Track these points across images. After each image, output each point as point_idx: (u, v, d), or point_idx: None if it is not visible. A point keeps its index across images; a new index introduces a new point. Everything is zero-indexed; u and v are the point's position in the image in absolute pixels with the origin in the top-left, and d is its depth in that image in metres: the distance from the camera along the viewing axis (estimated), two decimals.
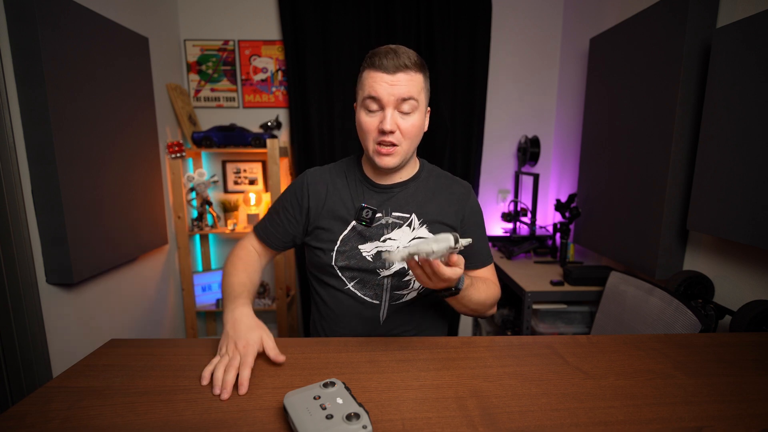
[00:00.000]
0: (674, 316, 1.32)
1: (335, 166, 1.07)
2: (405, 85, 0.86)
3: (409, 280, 1.00)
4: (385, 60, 0.86)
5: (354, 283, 1.00)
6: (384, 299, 1.00)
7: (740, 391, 0.70)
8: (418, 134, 0.93)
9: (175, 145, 2.17)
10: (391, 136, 0.89)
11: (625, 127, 1.75)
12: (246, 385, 0.69)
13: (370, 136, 0.91)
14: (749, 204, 1.22)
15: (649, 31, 1.60)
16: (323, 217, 1.00)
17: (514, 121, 2.62)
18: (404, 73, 0.86)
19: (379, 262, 0.98)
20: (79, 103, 1.49)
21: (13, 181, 1.32)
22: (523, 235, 2.46)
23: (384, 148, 0.90)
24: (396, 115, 0.88)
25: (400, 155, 0.92)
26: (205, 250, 2.59)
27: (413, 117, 0.90)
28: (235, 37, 2.44)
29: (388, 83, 0.86)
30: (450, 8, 2.37)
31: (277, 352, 0.77)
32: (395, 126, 0.88)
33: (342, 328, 1.03)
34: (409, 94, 0.87)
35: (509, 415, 0.63)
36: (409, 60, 0.87)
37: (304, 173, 1.06)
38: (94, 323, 1.66)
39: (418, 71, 0.89)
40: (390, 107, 0.87)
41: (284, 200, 1.05)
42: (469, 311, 0.96)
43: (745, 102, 1.23)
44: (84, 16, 1.52)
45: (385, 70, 0.86)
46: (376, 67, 0.87)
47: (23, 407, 0.65)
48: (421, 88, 0.90)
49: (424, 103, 0.93)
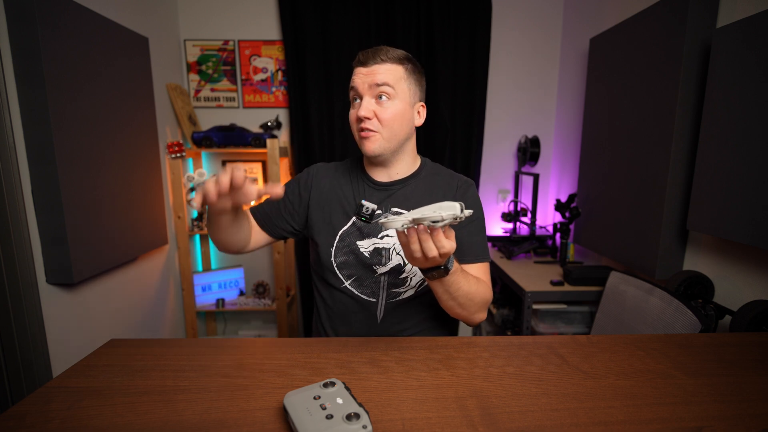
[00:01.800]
0: (674, 316, 1.32)
1: (340, 164, 1.10)
2: (380, 74, 0.91)
3: (406, 278, 1.00)
4: (363, 56, 0.93)
5: (351, 281, 1.01)
6: (381, 297, 1.01)
7: (740, 391, 0.70)
8: (399, 123, 0.94)
9: (175, 145, 2.17)
10: (368, 123, 0.92)
11: (625, 127, 1.75)
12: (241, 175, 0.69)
13: (354, 126, 0.96)
14: (749, 204, 1.22)
15: (649, 31, 1.60)
16: (325, 211, 1.02)
17: (514, 121, 2.62)
18: (380, 64, 0.91)
19: (376, 259, 0.99)
20: (79, 103, 1.49)
21: (13, 181, 1.32)
22: (523, 235, 2.46)
23: (364, 133, 0.93)
24: (372, 102, 0.92)
25: (380, 142, 0.94)
26: (205, 250, 2.59)
27: (391, 104, 0.92)
28: (235, 37, 2.44)
29: (363, 74, 0.92)
30: (450, 8, 2.37)
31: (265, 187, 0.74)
32: (371, 113, 0.91)
33: (342, 326, 1.04)
34: (383, 81, 0.90)
35: (509, 415, 0.63)
36: (386, 55, 0.92)
37: (310, 167, 1.09)
38: (94, 323, 1.66)
39: (396, 63, 0.93)
40: (366, 95, 0.92)
41: (287, 187, 1.06)
42: (456, 306, 0.88)
43: (745, 102, 1.23)
44: (84, 16, 1.52)
45: (364, 64, 0.92)
46: (357, 63, 0.94)
47: (23, 407, 0.65)
48: (399, 77, 0.92)
49: (406, 93, 0.94)
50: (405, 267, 0.99)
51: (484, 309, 0.95)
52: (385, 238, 0.99)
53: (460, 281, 0.83)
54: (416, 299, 1.03)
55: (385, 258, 0.99)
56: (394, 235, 0.99)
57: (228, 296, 2.52)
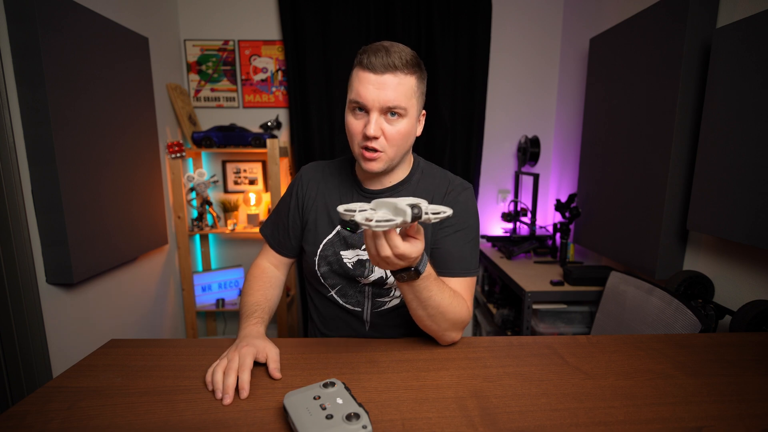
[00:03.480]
0: (674, 316, 1.32)
1: (332, 163, 1.05)
2: (392, 90, 0.81)
3: (389, 288, 0.97)
4: (374, 58, 0.80)
5: (336, 291, 0.99)
6: (366, 306, 0.99)
7: (740, 391, 0.70)
8: (405, 140, 0.87)
9: (175, 145, 2.17)
10: (374, 142, 0.84)
11: (625, 127, 1.75)
12: (247, 388, 0.68)
13: (355, 139, 0.87)
14: (749, 204, 1.22)
15: (649, 31, 1.60)
16: (311, 217, 0.99)
17: (514, 121, 2.62)
18: (392, 74, 0.80)
19: (359, 270, 0.95)
20: (79, 103, 1.49)
21: (13, 181, 1.32)
22: (523, 235, 2.46)
23: (368, 153, 0.86)
24: (381, 120, 0.83)
25: (385, 161, 0.87)
26: (205, 250, 2.59)
27: (400, 123, 0.84)
28: (235, 37, 2.44)
29: (374, 86, 0.81)
30: (450, 8, 2.37)
31: (277, 366, 0.74)
32: (379, 132, 0.83)
33: (332, 331, 1.03)
34: (396, 102, 0.81)
35: (509, 415, 0.63)
36: (400, 59, 0.81)
37: (299, 171, 1.06)
38: (94, 323, 1.66)
39: (410, 72, 0.82)
40: (375, 112, 0.82)
41: (284, 203, 1.04)
42: (426, 317, 0.80)
43: (745, 102, 1.23)
44: (84, 16, 1.52)
45: (373, 69, 0.80)
46: (364, 65, 0.82)
47: (23, 407, 0.65)
48: (411, 93, 0.84)
49: (416, 108, 0.87)
50: (388, 280, 0.95)
51: (458, 329, 0.85)
52: None
53: (432, 288, 0.76)
54: (402, 308, 0.99)
55: (369, 270, 0.95)
56: None
57: (228, 296, 2.52)
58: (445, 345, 0.87)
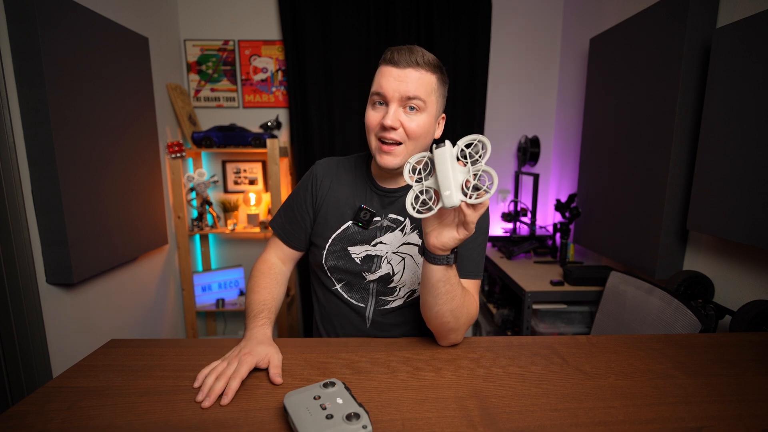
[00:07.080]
0: (674, 316, 1.32)
1: (346, 159, 1.05)
2: (413, 82, 0.83)
3: (395, 287, 0.98)
4: (397, 54, 0.84)
5: (341, 285, 1.00)
6: (370, 303, 1.00)
7: (740, 391, 0.70)
8: (423, 136, 0.88)
9: (175, 145, 2.17)
10: (393, 133, 0.85)
11: (625, 127, 1.75)
12: (230, 396, 0.67)
13: (373, 131, 0.88)
14: (749, 204, 1.22)
15: (649, 31, 1.60)
16: (322, 211, 1.00)
17: (514, 121, 2.62)
18: (414, 69, 0.83)
19: (366, 266, 0.97)
20: (79, 103, 1.49)
21: (13, 181, 1.32)
22: (523, 235, 2.46)
23: (385, 146, 0.87)
24: (400, 112, 0.85)
25: (403, 156, 0.87)
26: (205, 250, 2.59)
27: (419, 117, 0.85)
28: (235, 37, 2.44)
29: (395, 78, 0.83)
30: (450, 8, 2.37)
31: (278, 372, 0.74)
32: (397, 122, 0.84)
33: (333, 327, 1.04)
34: (416, 94, 0.83)
35: (509, 415, 0.63)
36: (423, 58, 0.84)
37: (313, 166, 1.05)
38: (94, 323, 1.66)
39: (431, 71, 0.85)
40: (394, 103, 0.84)
41: (297, 195, 1.04)
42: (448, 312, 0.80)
43: (745, 102, 1.23)
44: (84, 16, 1.52)
45: (396, 64, 0.84)
46: (387, 61, 0.85)
47: (23, 407, 0.65)
48: (431, 89, 0.86)
49: (435, 106, 0.88)
50: (394, 277, 0.97)
51: (466, 328, 0.86)
52: (378, 245, 0.97)
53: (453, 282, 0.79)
54: (404, 309, 1.01)
55: (376, 266, 0.97)
56: (387, 242, 0.97)
57: (228, 296, 2.52)
58: (446, 346, 0.87)
